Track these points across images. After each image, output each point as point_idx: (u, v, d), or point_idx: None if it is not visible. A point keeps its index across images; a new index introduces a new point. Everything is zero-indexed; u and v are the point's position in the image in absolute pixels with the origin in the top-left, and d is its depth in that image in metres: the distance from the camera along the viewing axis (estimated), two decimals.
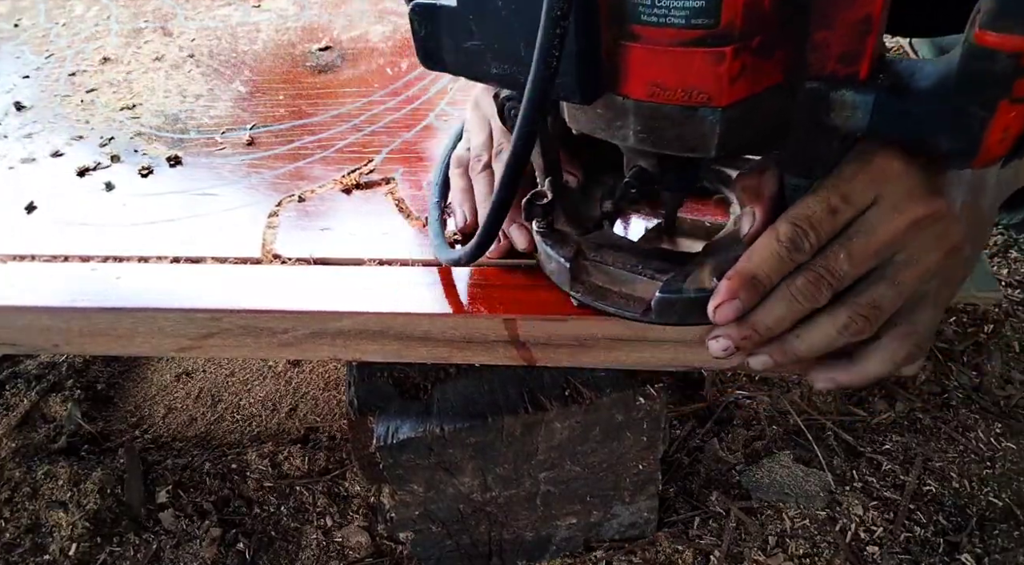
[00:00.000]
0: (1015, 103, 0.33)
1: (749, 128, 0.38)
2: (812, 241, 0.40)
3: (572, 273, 0.49)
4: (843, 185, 0.39)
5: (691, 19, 0.34)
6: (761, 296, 0.41)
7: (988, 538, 0.75)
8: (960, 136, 0.35)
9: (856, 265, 0.40)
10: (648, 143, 0.40)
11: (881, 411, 0.87)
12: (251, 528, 0.80)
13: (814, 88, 0.37)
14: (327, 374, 0.97)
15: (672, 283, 0.45)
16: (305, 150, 0.71)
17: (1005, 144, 0.34)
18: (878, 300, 0.41)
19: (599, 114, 0.41)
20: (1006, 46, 0.32)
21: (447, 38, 0.42)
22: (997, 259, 1.05)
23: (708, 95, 0.36)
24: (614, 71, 0.38)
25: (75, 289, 0.56)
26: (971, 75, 0.33)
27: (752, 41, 0.35)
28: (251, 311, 0.54)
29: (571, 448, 0.64)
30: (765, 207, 0.43)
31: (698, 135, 0.38)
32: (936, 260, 0.41)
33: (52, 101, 0.81)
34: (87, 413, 0.92)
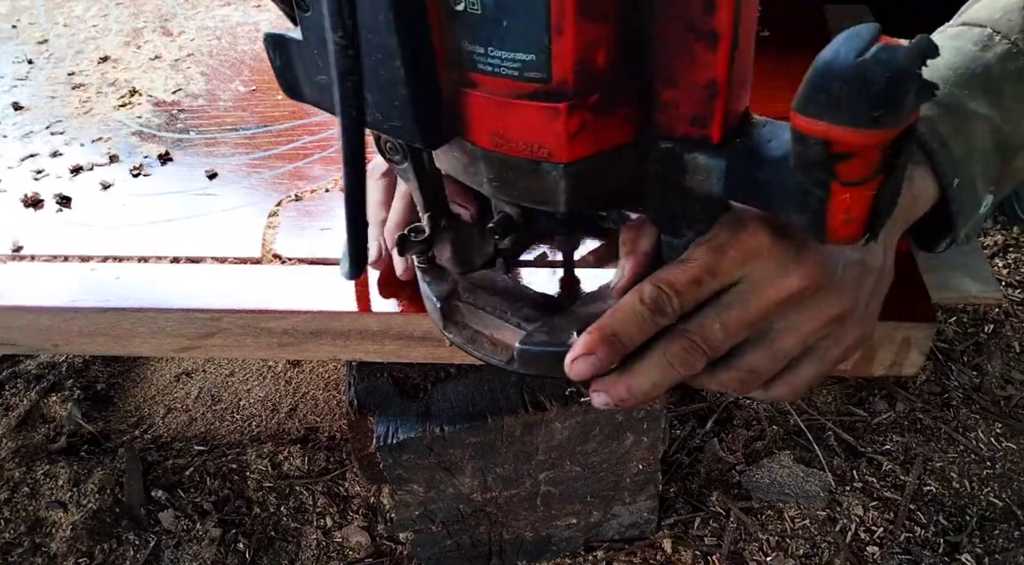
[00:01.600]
0: (847, 186, 0.31)
1: (600, 185, 0.37)
2: (675, 306, 0.39)
3: (443, 314, 0.48)
4: (710, 257, 0.38)
5: (523, 72, 0.32)
6: (620, 356, 0.40)
7: (988, 538, 0.75)
8: (805, 214, 0.33)
9: (731, 335, 0.39)
10: (502, 193, 0.38)
11: (881, 411, 0.87)
12: (251, 528, 0.80)
13: (668, 148, 0.36)
14: (327, 374, 0.97)
15: (534, 335, 0.44)
16: (305, 150, 0.71)
17: (852, 227, 0.32)
18: (754, 366, 0.40)
19: (455, 157, 0.39)
20: (813, 132, 0.29)
21: (300, 70, 0.41)
22: (997, 259, 1.05)
23: (549, 151, 0.34)
24: (459, 116, 0.36)
25: (75, 289, 0.56)
26: (798, 156, 0.32)
27: (588, 98, 0.33)
28: (251, 311, 0.54)
29: (571, 448, 0.64)
30: (636, 263, 0.42)
31: (545, 189, 0.36)
32: (817, 328, 0.40)
33: (51, 101, 0.81)
34: (87, 413, 0.92)
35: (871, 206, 0.32)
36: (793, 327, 0.40)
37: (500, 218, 0.44)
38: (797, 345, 0.40)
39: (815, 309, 0.39)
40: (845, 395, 0.89)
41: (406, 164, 0.45)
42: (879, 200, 0.32)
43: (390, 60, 0.34)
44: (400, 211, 0.52)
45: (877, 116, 0.28)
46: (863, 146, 0.29)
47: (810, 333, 0.40)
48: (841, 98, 0.28)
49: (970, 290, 0.57)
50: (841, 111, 0.28)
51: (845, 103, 0.28)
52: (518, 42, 0.32)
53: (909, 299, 0.51)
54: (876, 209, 0.32)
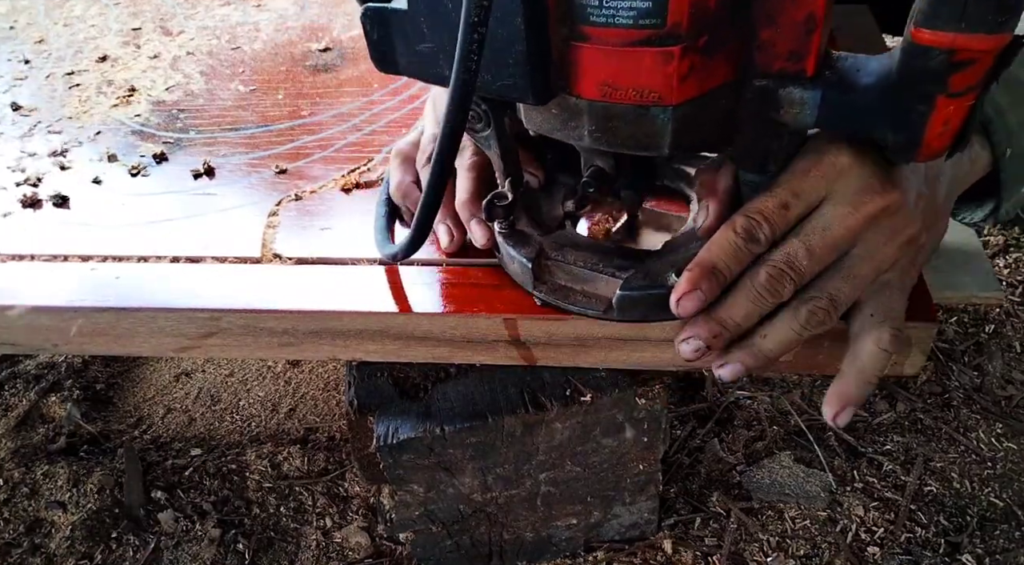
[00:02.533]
0: (952, 98, 0.34)
1: (701, 126, 0.39)
2: (767, 233, 0.40)
3: (535, 273, 0.49)
4: (795, 181, 0.40)
5: (638, 19, 0.34)
6: (722, 287, 0.42)
7: (989, 539, 0.75)
8: (902, 130, 0.36)
9: (816, 260, 0.41)
10: (603, 143, 0.40)
11: (882, 411, 0.87)
12: (251, 528, 0.80)
13: (762, 86, 0.38)
14: (327, 374, 0.97)
15: (632, 280, 0.46)
16: (305, 150, 0.71)
17: (945, 138, 0.35)
18: (835, 293, 0.42)
19: (554, 115, 0.41)
20: (939, 43, 0.32)
21: (400, 41, 0.42)
22: (998, 259, 1.05)
23: (659, 94, 0.36)
24: (566, 72, 0.38)
25: (75, 289, 0.56)
26: (909, 71, 0.34)
27: (699, 41, 0.35)
28: (251, 311, 0.54)
29: (571, 448, 0.64)
30: (719, 201, 0.44)
31: (651, 134, 0.38)
32: (892, 252, 0.42)
33: (51, 101, 0.81)
34: (86, 413, 0.92)
35: (966, 118, 0.35)
36: (869, 252, 0.41)
37: (593, 170, 0.46)
38: (872, 271, 0.42)
39: (891, 231, 0.41)
40: None
41: (488, 131, 0.46)
42: (973, 112, 0.35)
43: (507, 19, 0.35)
44: (470, 183, 0.54)
45: (1002, 20, 0.31)
46: (985, 52, 0.32)
47: (884, 260, 0.42)
48: (967, 7, 0.31)
49: (971, 290, 0.57)
50: (969, 19, 0.31)
51: (972, 12, 0.31)
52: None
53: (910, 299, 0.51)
54: (969, 119, 0.35)
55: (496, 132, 0.46)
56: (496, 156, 0.49)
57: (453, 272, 0.56)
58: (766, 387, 0.90)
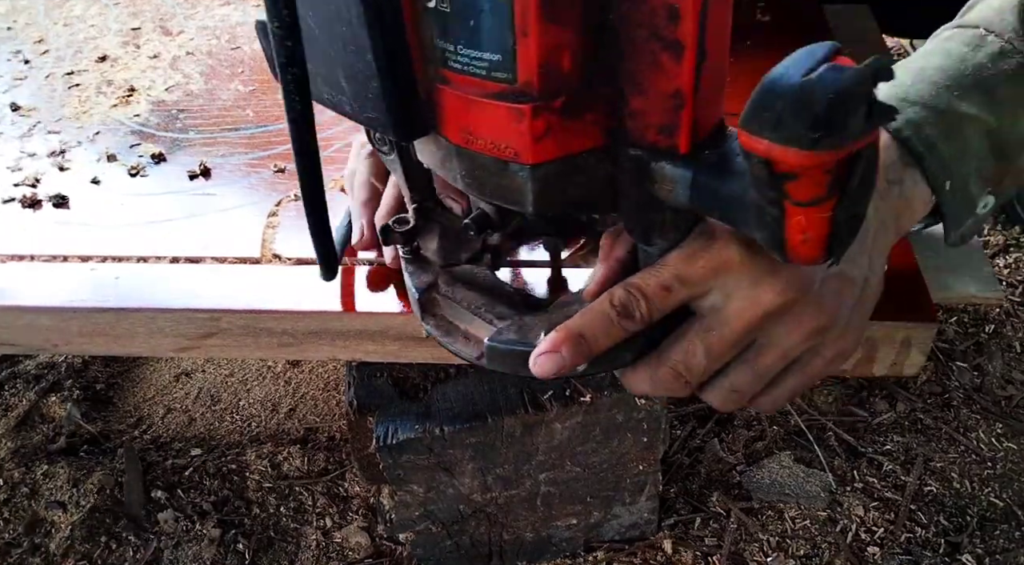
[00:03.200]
0: (800, 207, 0.30)
1: (568, 188, 0.36)
2: (643, 310, 0.39)
3: (422, 305, 0.48)
4: (681, 266, 0.38)
5: (491, 72, 0.32)
6: (586, 357, 0.40)
7: (989, 538, 0.75)
8: (764, 231, 0.32)
9: (713, 360, 0.39)
10: (473, 190, 0.38)
11: (882, 411, 0.87)
12: (251, 529, 0.80)
13: (636, 156, 0.35)
14: (327, 374, 0.97)
15: (503, 332, 0.44)
16: None
17: (812, 247, 0.31)
18: (737, 385, 0.41)
19: (433, 152, 0.39)
20: (756, 149, 0.29)
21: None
22: (998, 259, 1.05)
23: (515, 151, 0.34)
24: (434, 111, 0.36)
25: (74, 289, 0.56)
26: (749, 173, 0.31)
27: (554, 101, 0.33)
28: (251, 311, 0.54)
29: (571, 448, 0.64)
30: (609, 268, 0.42)
31: (514, 189, 0.36)
32: (799, 342, 0.40)
33: (50, 101, 0.81)
34: (86, 413, 0.92)
35: (829, 228, 0.31)
36: (774, 343, 0.40)
37: (476, 215, 0.44)
38: (779, 361, 0.40)
39: (794, 323, 0.39)
40: (846, 395, 0.89)
41: (393, 155, 0.46)
42: (837, 222, 0.31)
43: (363, 53, 0.34)
44: (391, 199, 0.53)
45: (816, 137, 0.27)
46: (805, 167, 0.28)
47: (791, 348, 0.40)
48: (782, 117, 0.27)
49: (971, 290, 0.57)
50: (781, 130, 0.27)
51: (786, 122, 0.27)
52: (485, 41, 0.32)
53: (910, 299, 0.51)
54: (835, 231, 0.31)
55: (400, 157, 0.45)
56: (402, 180, 0.47)
57: None
58: None
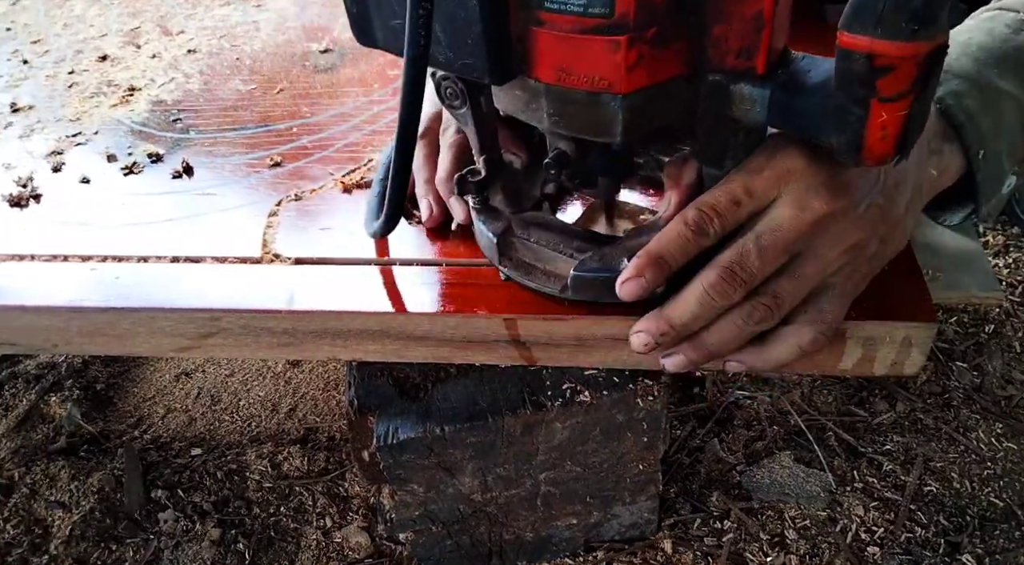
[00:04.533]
0: (884, 102, 0.34)
1: (654, 116, 0.39)
2: (716, 227, 0.41)
3: (500, 248, 0.51)
4: (747, 179, 0.41)
5: (588, 8, 0.35)
6: (667, 275, 0.43)
7: (989, 538, 0.75)
8: (844, 134, 0.36)
9: (766, 262, 0.41)
10: (561, 126, 0.41)
11: (882, 411, 0.87)
12: (251, 528, 0.80)
13: (715, 81, 0.38)
14: (327, 374, 0.97)
15: (587, 262, 0.47)
16: (305, 150, 0.71)
17: (887, 143, 0.35)
18: (779, 292, 0.42)
19: (517, 96, 0.42)
20: (858, 47, 0.32)
21: (376, 15, 0.43)
22: (998, 259, 1.05)
23: (609, 82, 0.37)
24: (525, 54, 0.39)
25: (75, 289, 0.56)
26: (842, 74, 0.34)
27: (647, 32, 0.36)
28: (251, 311, 0.54)
29: (571, 448, 0.64)
30: (681, 193, 0.45)
31: (604, 121, 0.39)
32: (836, 256, 0.42)
33: (50, 101, 0.81)
34: (86, 413, 0.92)
35: (904, 124, 0.34)
36: (815, 254, 0.42)
37: (556, 153, 0.47)
38: (817, 273, 0.43)
39: (837, 235, 0.42)
40: (845, 395, 0.89)
41: (465, 108, 0.47)
42: (911, 118, 0.34)
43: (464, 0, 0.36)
44: (449, 161, 0.55)
45: (916, 29, 0.31)
46: (902, 58, 0.32)
47: (828, 263, 0.42)
48: (883, 14, 0.31)
49: (971, 290, 0.57)
50: (884, 26, 0.31)
51: (888, 18, 0.31)
52: None
53: (910, 299, 0.51)
54: (908, 128, 0.35)
55: (472, 110, 0.47)
56: (472, 133, 0.50)
57: (453, 272, 0.56)
58: (766, 387, 0.90)
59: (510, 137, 0.53)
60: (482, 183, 0.51)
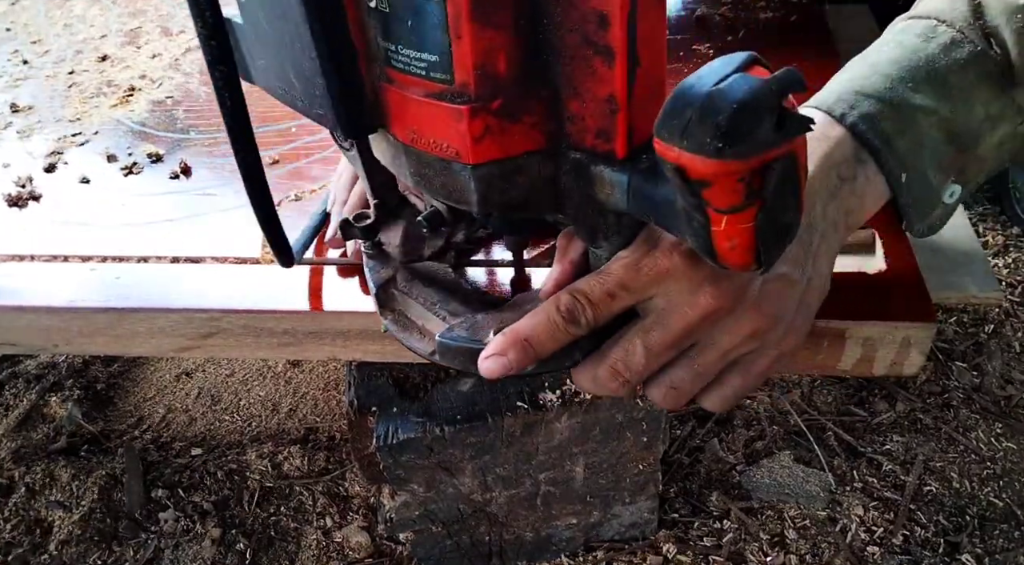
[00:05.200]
0: (722, 213, 0.30)
1: (512, 189, 0.37)
2: (588, 317, 0.39)
3: (379, 300, 0.49)
4: (624, 274, 0.39)
5: (430, 72, 0.33)
6: (532, 361, 0.40)
7: (988, 538, 0.75)
8: (696, 238, 0.32)
9: (655, 358, 0.40)
10: (422, 187, 0.39)
11: (882, 411, 0.87)
12: (251, 528, 0.80)
13: (577, 159, 0.36)
14: (327, 374, 0.97)
15: (455, 329, 0.44)
16: (305, 150, 0.71)
17: (739, 253, 0.31)
18: (677, 382, 0.42)
19: (385, 149, 0.40)
20: (667, 156, 0.29)
21: (246, 53, 0.41)
22: (997, 259, 1.05)
23: (456, 151, 0.35)
24: (381, 109, 0.37)
25: (75, 289, 0.56)
26: (671, 180, 0.30)
27: (491, 103, 0.33)
28: (251, 311, 0.54)
29: (571, 448, 0.64)
30: (563, 269, 0.42)
31: (458, 188, 0.37)
32: (735, 345, 0.41)
33: (50, 101, 0.81)
34: (87, 413, 0.92)
35: (753, 236, 0.31)
36: (713, 343, 0.40)
37: (429, 212, 0.45)
38: (718, 360, 0.41)
39: (733, 326, 0.40)
40: (845, 395, 0.89)
41: (354, 151, 0.46)
42: (761, 230, 0.30)
43: (308, 51, 0.34)
44: (358, 197, 0.54)
45: (721, 146, 0.27)
46: (714, 175, 0.28)
47: (730, 348, 0.41)
48: (689, 125, 0.27)
49: (970, 290, 0.57)
50: (690, 138, 0.27)
51: (693, 131, 0.27)
52: (423, 42, 0.33)
53: (909, 299, 0.51)
54: (761, 239, 0.31)
55: (360, 154, 0.46)
56: (362, 176, 0.48)
57: None
58: (766, 387, 0.90)
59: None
60: (369, 228, 0.49)
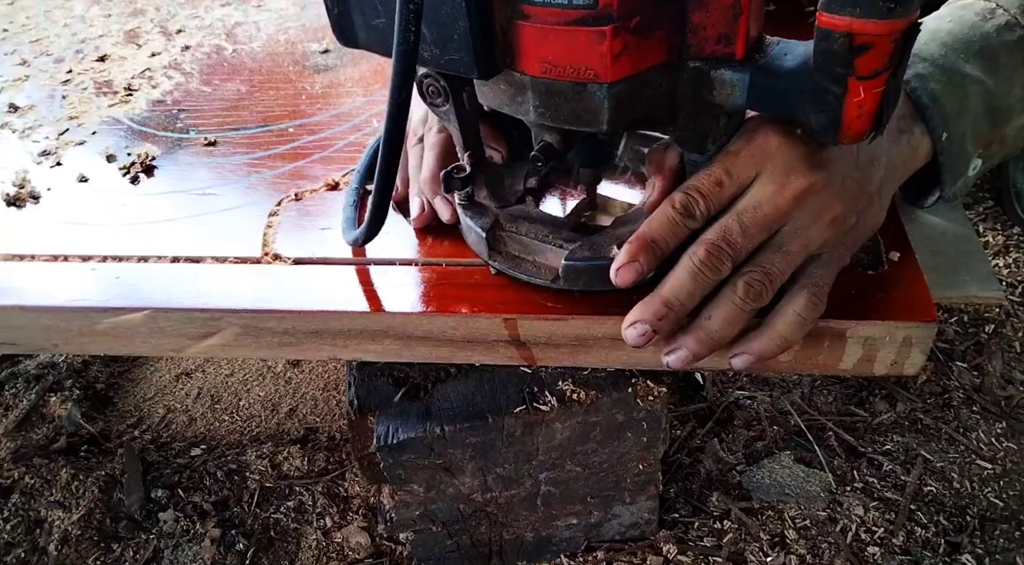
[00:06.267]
0: (862, 80, 0.35)
1: (639, 104, 0.41)
2: (703, 208, 0.43)
3: (489, 243, 0.51)
4: (728, 161, 0.43)
5: (572, 0, 0.36)
6: (659, 259, 0.44)
7: (989, 539, 0.75)
8: (822, 112, 0.37)
9: (750, 237, 0.43)
10: (547, 118, 0.42)
11: (882, 411, 0.87)
12: (251, 528, 0.80)
13: (696, 67, 0.40)
14: (327, 374, 0.97)
15: (577, 252, 0.48)
16: (305, 150, 0.71)
17: (864, 120, 0.37)
18: (769, 267, 0.44)
19: (502, 90, 0.42)
20: (837, 26, 0.34)
21: (357, 15, 0.43)
22: (998, 259, 1.05)
23: (595, 72, 0.38)
24: (510, 48, 0.39)
25: (75, 289, 0.56)
26: (821, 54, 0.36)
27: (630, 21, 0.36)
28: (251, 311, 0.54)
29: (571, 448, 0.64)
30: (665, 179, 0.46)
31: (590, 110, 0.40)
32: (818, 229, 0.44)
33: (50, 100, 0.81)
34: (86, 413, 0.92)
35: (880, 101, 0.36)
36: (798, 229, 0.44)
37: (542, 146, 0.47)
38: (802, 246, 0.44)
39: (816, 209, 0.43)
40: (845, 395, 0.89)
41: (447, 106, 0.48)
42: (887, 95, 0.36)
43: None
44: (433, 160, 0.56)
45: (891, 7, 0.33)
46: (880, 36, 0.34)
47: (812, 237, 0.44)
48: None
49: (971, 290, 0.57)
50: (863, 5, 0.33)
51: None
52: None
53: (910, 299, 0.51)
54: (884, 104, 0.36)
55: (455, 107, 0.48)
56: (456, 130, 0.50)
57: (452, 272, 0.56)
58: (766, 387, 0.90)
59: (490, 133, 0.54)
60: (467, 179, 0.51)
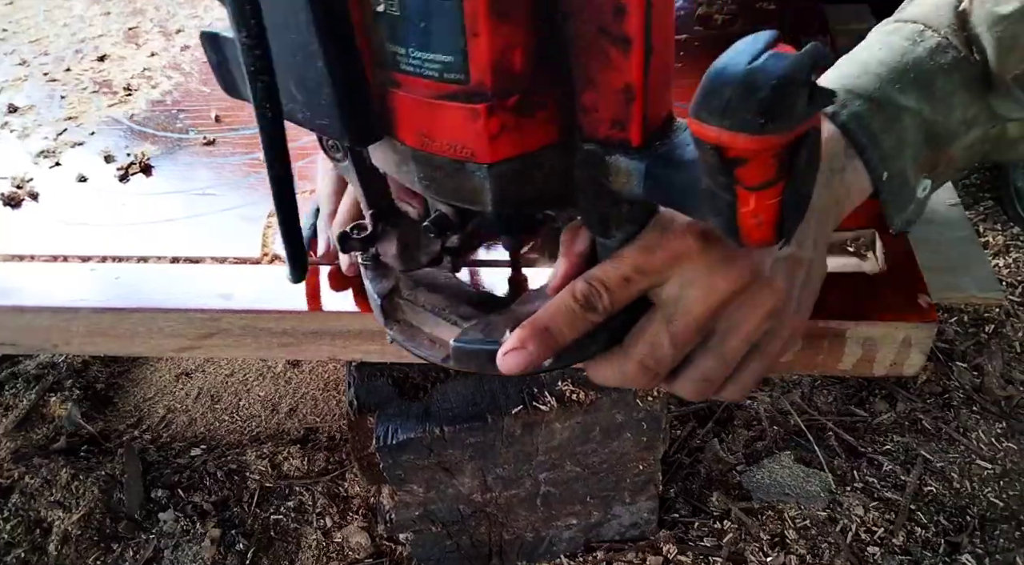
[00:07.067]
0: (752, 191, 0.31)
1: (525, 185, 0.37)
2: (606, 303, 0.40)
3: (384, 311, 0.48)
4: (639, 257, 0.39)
5: (444, 73, 0.33)
6: (553, 351, 0.41)
7: (989, 538, 0.75)
8: (719, 217, 0.33)
9: (679, 349, 0.41)
10: (430, 191, 0.39)
11: (882, 411, 0.87)
12: (251, 528, 0.80)
13: (590, 150, 0.36)
14: (327, 374, 0.97)
15: (468, 332, 0.44)
16: (305, 150, 0.71)
17: (763, 229, 0.32)
18: (708, 372, 0.42)
19: (389, 156, 0.39)
20: (707, 137, 0.30)
21: (236, 68, 0.41)
22: (998, 259, 1.05)
23: (471, 151, 0.34)
24: (387, 116, 0.36)
25: (74, 289, 0.56)
26: (701, 161, 0.32)
27: (507, 100, 0.33)
28: (251, 311, 0.54)
29: (571, 448, 0.64)
30: (571, 262, 0.43)
31: (471, 189, 0.36)
32: (755, 325, 0.41)
33: (49, 101, 0.81)
34: (86, 413, 0.92)
35: (779, 210, 0.32)
36: (736, 327, 0.41)
37: (436, 216, 0.45)
38: (743, 344, 0.41)
39: (751, 306, 0.40)
40: (845, 395, 0.89)
41: (347, 162, 0.45)
42: (786, 204, 0.32)
43: (314, 60, 0.34)
44: (348, 208, 0.53)
45: (763, 122, 0.28)
46: (755, 151, 0.29)
47: (753, 330, 0.41)
48: (730, 104, 0.28)
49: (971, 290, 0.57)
50: (731, 117, 0.28)
51: (734, 109, 0.28)
52: (436, 43, 0.32)
53: (910, 299, 0.51)
54: (785, 212, 0.32)
55: (354, 164, 0.45)
56: (357, 187, 0.47)
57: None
58: (766, 387, 0.90)
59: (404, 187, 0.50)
60: (367, 239, 0.48)
